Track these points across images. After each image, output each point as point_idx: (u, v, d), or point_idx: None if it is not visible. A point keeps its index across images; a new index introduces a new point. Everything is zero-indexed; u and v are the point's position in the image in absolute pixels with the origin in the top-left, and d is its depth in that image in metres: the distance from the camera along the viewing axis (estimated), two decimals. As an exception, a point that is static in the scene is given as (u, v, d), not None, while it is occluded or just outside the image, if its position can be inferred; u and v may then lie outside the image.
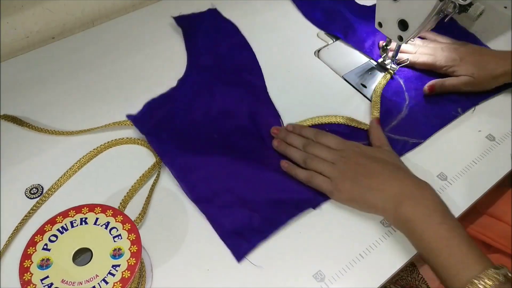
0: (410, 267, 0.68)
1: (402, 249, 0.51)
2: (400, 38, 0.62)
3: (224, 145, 0.58)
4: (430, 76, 0.68)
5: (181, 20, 0.73)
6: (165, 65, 0.69)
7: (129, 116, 0.60)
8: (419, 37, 0.71)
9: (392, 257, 0.51)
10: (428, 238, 0.46)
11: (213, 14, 0.76)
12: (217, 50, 0.70)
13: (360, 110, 0.65)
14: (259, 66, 0.69)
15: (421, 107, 0.65)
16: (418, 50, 0.68)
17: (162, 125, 0.59)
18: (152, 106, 0.61)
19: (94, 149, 0.57)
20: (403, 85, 0.68)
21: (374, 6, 0.64)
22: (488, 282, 0.42)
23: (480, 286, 0.42)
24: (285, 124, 0.62)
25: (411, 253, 0.51)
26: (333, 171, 0.53)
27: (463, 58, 0.64)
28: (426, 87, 0.65)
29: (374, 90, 0.66)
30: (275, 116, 0.63)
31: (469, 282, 0.43)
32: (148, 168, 0.56)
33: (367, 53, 0.72)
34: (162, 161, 0.56)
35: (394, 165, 0.53)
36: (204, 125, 0.60)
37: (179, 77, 0.67)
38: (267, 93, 0.66)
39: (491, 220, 0.65)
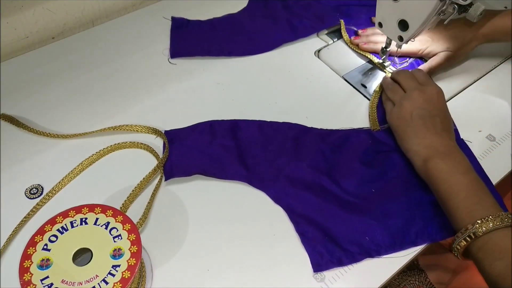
0: (418, 271, 0.68)
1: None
2: (400, 38, 0.62)
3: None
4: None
5: None
6: (165, 65, 0.69)
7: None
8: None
9: (392, 257, 0.51)
10: (450, 183, 0.50)
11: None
12: None
13: (360, 110, 0.65)
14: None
15: None
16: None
17: None
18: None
19: (96, 152, 0.57)
20: None
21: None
22: (497, 221, 0.46)
23: (490, 224, 0.45)
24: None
25: (411, 254, 0.51)
26: (401, 98, 0.59)
27: (433, 37, 0.68)
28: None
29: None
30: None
31: (482, 218, 0.46)
32: (149, 172, 0.55)
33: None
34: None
35: (447, 122, 0.57)
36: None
37: (179, 77, 0.67)
38: None
39: None
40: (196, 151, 0.57)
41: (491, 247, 0.45)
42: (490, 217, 0.46)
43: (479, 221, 0.46)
